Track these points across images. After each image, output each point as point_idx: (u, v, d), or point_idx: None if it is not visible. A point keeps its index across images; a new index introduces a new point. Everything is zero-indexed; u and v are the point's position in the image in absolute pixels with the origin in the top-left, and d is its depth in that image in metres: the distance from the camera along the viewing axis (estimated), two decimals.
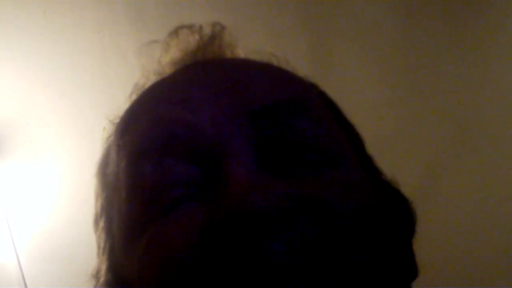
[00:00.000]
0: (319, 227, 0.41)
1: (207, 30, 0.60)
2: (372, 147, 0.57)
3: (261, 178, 0.43)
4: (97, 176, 0.56)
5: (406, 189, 0.56)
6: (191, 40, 0.59)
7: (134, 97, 0.56)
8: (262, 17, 1.99)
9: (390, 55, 2.03)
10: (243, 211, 0.39)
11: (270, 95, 0.49)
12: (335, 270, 0.40)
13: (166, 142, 0.47)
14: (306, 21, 2.02)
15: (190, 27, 0.60)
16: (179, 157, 0.46)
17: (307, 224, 0.41)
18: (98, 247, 0.54)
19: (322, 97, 0.58)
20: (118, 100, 0.58)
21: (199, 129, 0.46)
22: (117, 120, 0.55)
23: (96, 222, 0.55)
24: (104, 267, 0.53)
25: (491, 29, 2.00)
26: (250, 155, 0.45)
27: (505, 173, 1.96)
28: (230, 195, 0.41)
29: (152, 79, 0.57)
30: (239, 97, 0.48)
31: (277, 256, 0.39)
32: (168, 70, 0.58)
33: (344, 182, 0.46)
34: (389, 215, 0.49)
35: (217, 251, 0.40)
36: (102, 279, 0.53)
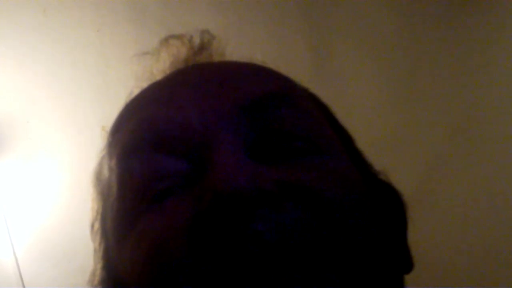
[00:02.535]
0: (304, 211, 0.41)
1: (196, 39, 0.61)
2: (373, 147, 0.57)
3: (247, 163, 0.43)
4: (93, 182, 0.57)
5: (407, 189, 0.56)
6: (182, 50, 0.60)
7: None
8: (263, 18, 1.99)
9: (391, 56, 2.03)
10: (227, 194, 0.39)
11: (257, 89, 0.49)
12: (320, 253, 0.40)
13: (155, 139, 0.47)
14: (308, 22, 2.02)
15: (180, 36, 0.61)
16: (167, 152, 0.47)
17: (293, 207, 0.41)
18: (94, 250, 0.55)
19: (311, 96, 0.58)
20: (118, 98, 0.58)
21: (187, 126, 0.47)
22: (110, 126, 0.56)
23: (92, 226, 0.56)
24: (99, 267, 0.53)
25: (493, 29, 2.00)
26: (237, 144, 0.45)
27: (506, 173, 1.96)
28: (215, 180, 0.41)
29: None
30: (226, 93, 0.49)
31: (262, 237, 0.39)
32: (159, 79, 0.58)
33: (331, 169, 0.47)
34: (379, 205, 0.49)
35: (205, 235, 0.40)
36: (96, 279, 0.53)
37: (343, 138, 0.55)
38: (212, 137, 0.45)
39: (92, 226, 0.56)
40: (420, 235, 0.56)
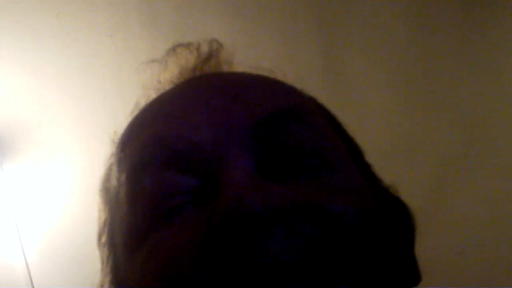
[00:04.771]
0: (317, 229, 0.41)
1: (204, 48, 0.60)
2: (384, 154, 0.57)
3: (259, 181, 0.43)
4: (100, 192, 0.57)
5: (418, 197, 0.56)
6: (189, 58, 0.60)
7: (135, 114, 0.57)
8: (275, 25, 2.00)
9: (402, 64, 2.02)
10: (240, 213, 0.39)
11: (268, 106, 0.49)
12: (333, 272, 0.40)
13: (165, 157, 0.47)
14: (319, 29, 2.02)
15: (188, 45, 0.61)
16: (178, 169, 0.47)
17: (305, 225, 0.41)
18: (102, 262, 0.55)
19: (320, 108, 0.58)
20: (130, 103, 0.59)
21: (199, 145, 0.47)
22: (119, 137, 0.56)
23: (99, 237, 0.56)
24: (107, 280, 0.53)
25: (505, 36, 1.99)
26: (248, 161, 0.45)
27: None
28: (227, 198, 0.41)
29: (153, 97, 0.58)
30: (237, 109, 0.48)
31: (274, 257, 0.39)
32: (167, 88, 0.58)
33: (341, 186, 0.47)
34: (388, 220, 0.49)
35: (216, 255, 0.40)
36: None
37: (352, 151, 0.55)
38: (223, 154, 0.45)
39: (99, 237, 0.56)
40: (430, 244, 0.56)
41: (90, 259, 0.60)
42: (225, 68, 0.60)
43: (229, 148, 0.46)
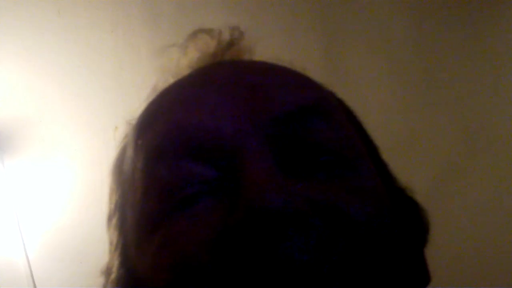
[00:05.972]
0: (334, 231, 0.41)
1: (225, 35, 0.60)
2: (385, 151, 0.57)
3: (279, 177, 0.42)
4: (112, 173, 0.56)
5: (420, 193, 0.56)
6: (210, 45, 0.59)
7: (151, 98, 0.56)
8: (276, 20, 1.99)
9: (403, 59, 2.02)
10: (261, 210, 0.39)
11: (291, 99, 0.48)
12: (348, 273, 0.40)
13: (185, 146, 0.47)
14: (320, 24, 2.02)
15: (209, 31, 0.60)
16: (197, 159, 0.46)
17: (322, 226, 0.41)
18: (111, 244, 0.54)
19: (340, 103, 0.57)
20: (131, 100, 0.58)
21: (219, 133, 0.46)
22: (134, 120, 0.55)
23: (109, 219, 0.55)
24: (116, 263, 0.53)
25: (508, 32, 1.99)
26: (268, 155, 0.44)
27: None
28: (248, 194, 0.40)
29: (171, 82, 0.57)
30: (260, 103, 0.48)
31: (293, 256, 0.39)
32: (186, 73, 0.57)
33: (360, 187, 0.46)
34: (403, 222, 0.49)
35: (233, 250, 0.40)
36: (113, 275, 0.53)
37: (370, 149, 0.54)
38: (243, 145, 0.45)
39: (110, 219, 0.55)
40: (432, 239, 0.56)
41: (91, 256, 0.59)
42: (246, 57, 0.59)
43: (249, 140, 0.45)
